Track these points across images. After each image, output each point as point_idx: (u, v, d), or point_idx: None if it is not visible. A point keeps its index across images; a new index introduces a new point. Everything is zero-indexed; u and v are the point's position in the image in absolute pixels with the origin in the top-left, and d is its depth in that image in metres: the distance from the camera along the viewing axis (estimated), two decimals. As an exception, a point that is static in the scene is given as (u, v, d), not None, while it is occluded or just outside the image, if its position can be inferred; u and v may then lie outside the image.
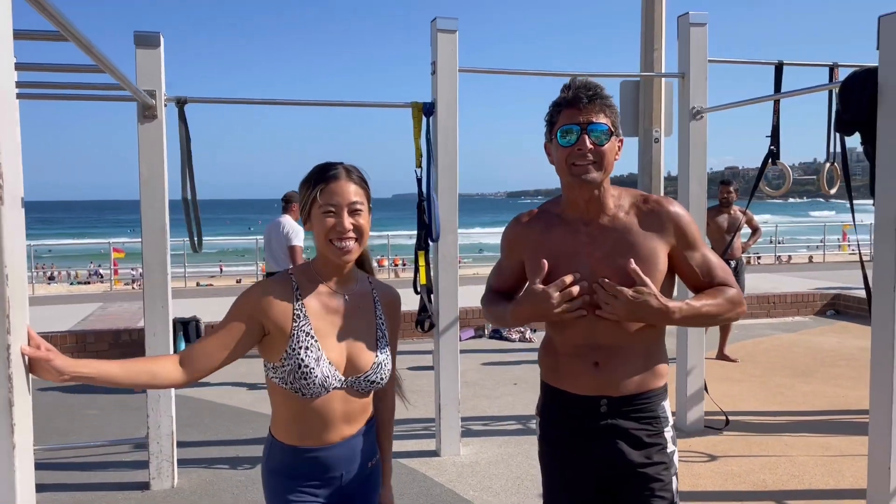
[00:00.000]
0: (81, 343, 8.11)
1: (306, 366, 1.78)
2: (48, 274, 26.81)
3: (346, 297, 1.91)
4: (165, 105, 4.27)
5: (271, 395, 1.90)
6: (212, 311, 9.60)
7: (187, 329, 8.29)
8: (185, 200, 4.31)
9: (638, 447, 1.97)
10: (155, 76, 4.18)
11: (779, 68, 5.24)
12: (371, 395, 1.97)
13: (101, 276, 23.63)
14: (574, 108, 1.89)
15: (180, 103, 4.33)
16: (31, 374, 1.59)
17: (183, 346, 8.14)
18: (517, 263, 2.13)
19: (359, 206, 1.83)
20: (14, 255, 1.56)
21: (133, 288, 19.32)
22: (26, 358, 1.58)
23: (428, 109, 4.64)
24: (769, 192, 5.78)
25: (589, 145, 1.87)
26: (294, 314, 1.81)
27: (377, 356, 1.90)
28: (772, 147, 5.34)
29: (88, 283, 23.64)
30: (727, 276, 2.03)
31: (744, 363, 7.39)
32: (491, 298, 2.20)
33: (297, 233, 6.62)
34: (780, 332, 9.15)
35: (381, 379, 1.91)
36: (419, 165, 4.65)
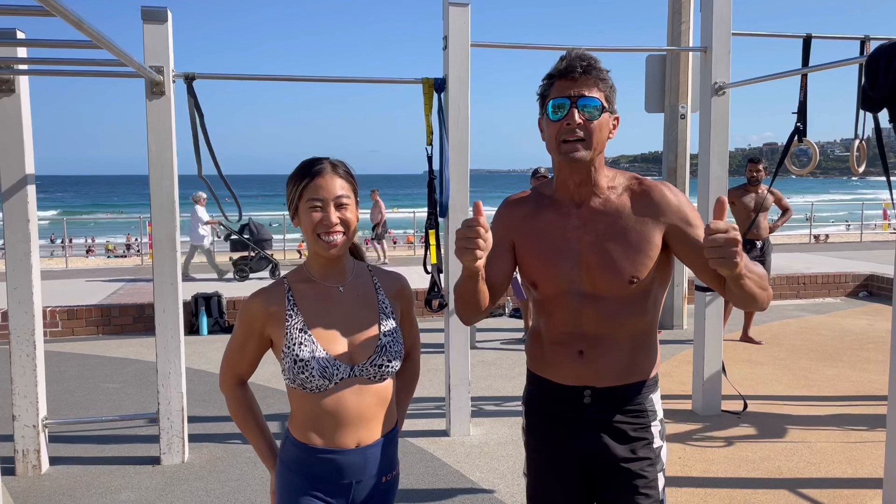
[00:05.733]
0: (106, 317, 8.25)
1: (301, 360, 1.79)
2: (86, 248, 27.31)
3: (341, 288, 1.90)
4: (174, 81, 4.24)
5: (288, 394, 1.92)
6: (234, 287, 9.69)
7: (209, 304, 8.38)
8: (202, 179, 4.29)
9: (622, 441, 1.90)
10: (162, 52, 4.15)
11: (807, 42, 5.03)
12: (388, 386, 1.91)
13: (139, 250, 23.98)
14: (566, 79, 1.78)
15: (189, 79, 4.29)
16: None
17: (205, 320, 8.24)
18: (505, 248, 1.99)
19: (345, 200, 1.83)
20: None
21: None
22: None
23: (439, 85, 4.55)
24: (795, 170, 5.59)
25: (578, 119, 1.76)
26: (286, 315, 1.83)
27: (381, 339, 1.87)
28: (798, 124, 5.15)
29: (125, 256, 24.02)
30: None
31: (768, 345, 7.23)
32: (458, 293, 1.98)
33: None
34: (808, 313, 8.94)
35: (389, 361, 1.86)
36: (430, 143, 4.58)
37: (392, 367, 1.87)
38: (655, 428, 1.93)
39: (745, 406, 5.21)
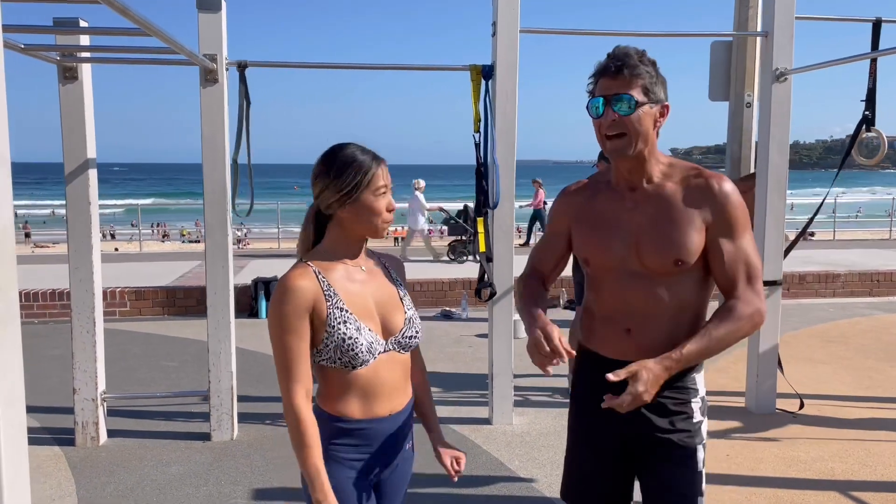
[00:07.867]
0: (171, 298, 8.55)
1: (350, 338, 1.84)
2: (162, 232, 28.38)
3: (363, 268, 1.99)
4: (227, 69, 4.35)
5: (317, 374, 1.93)
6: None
7: (269, 288, 8.59)
8: (235, 163, 4.40)
9: (662, 414, 1.99)
10: (216, 40, 4.26)
11: (876, 25, 4.78)
12: (409, 356, 2.02)
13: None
14: (605, 77, 1.90)
15: (241, 67, 4.40)
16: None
17: (264, 304, 8.45)
18: (562, 235, 2.16)
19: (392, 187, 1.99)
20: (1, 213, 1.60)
21: (237, 247, 20.18)
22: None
23: (487, 72, 4.53)
24: (862, 161, 5.33)
25: (612, 117, 1.88)
26: (325, 295, 1.86)
27: (406, 312, 1.99)
28: (866, 112, 4.91)
29: (198, 241, 24.80)
30: (751, 281, 1.95)
31: (833, 343, 6.95)
32: (524, 289, 2.20)
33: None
34: (881, 311, 8.54)
35: (417, 332, 2.00)
36: (477, 130, 4.57)
37: (419, 338, 2.01)
38: (696, 404, 2.02)
39: (802, 405, 5.03)
